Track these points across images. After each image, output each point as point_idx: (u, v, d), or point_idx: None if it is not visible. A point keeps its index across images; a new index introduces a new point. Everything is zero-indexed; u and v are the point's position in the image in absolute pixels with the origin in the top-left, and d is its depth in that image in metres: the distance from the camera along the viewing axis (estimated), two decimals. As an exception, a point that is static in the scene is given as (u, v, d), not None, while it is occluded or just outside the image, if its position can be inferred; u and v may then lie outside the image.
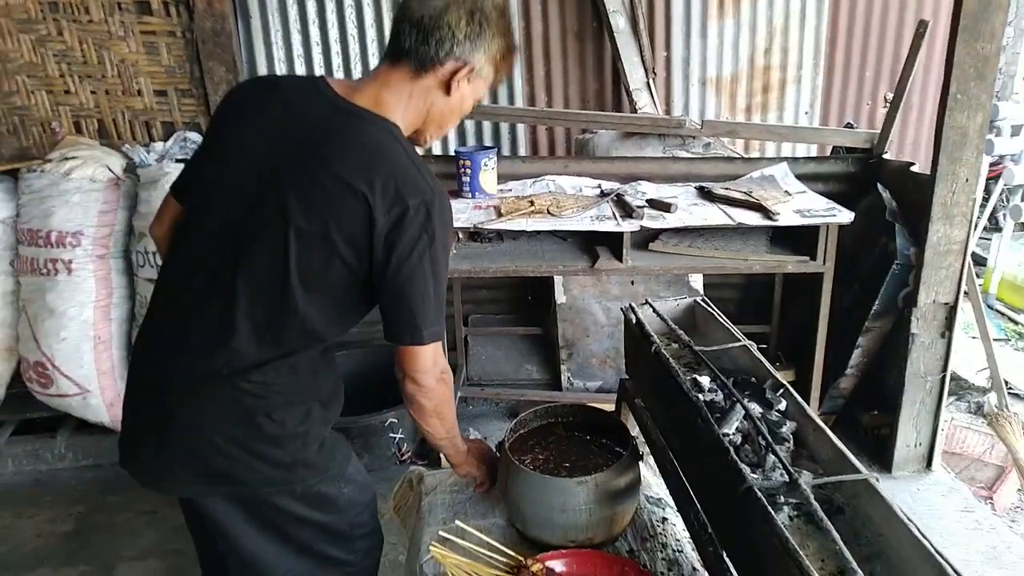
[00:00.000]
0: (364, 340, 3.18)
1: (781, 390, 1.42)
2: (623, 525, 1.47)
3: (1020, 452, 2.52)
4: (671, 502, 1.56)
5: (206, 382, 1.25)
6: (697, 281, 3.13)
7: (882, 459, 2.70)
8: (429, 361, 1.29)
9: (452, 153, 3.02)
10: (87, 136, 3.19)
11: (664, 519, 1.56)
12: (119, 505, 2.70)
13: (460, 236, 2.81)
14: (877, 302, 2.53)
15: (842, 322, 2.80)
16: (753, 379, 1.50)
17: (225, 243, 1.24)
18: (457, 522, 1.43)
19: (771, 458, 1.22)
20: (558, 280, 3.07)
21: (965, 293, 2.59)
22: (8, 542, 2.53)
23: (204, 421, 1.26)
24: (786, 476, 1.16)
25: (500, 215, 2.54)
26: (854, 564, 0.97)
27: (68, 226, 2.80)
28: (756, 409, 1.37)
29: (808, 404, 2.70)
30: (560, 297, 3.07)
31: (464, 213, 2.60)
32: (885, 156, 2.85)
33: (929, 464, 2.64)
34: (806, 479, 1.17)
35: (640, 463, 1.65)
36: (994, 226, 4.79)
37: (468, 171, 2.81)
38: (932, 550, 0.99)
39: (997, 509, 2.75)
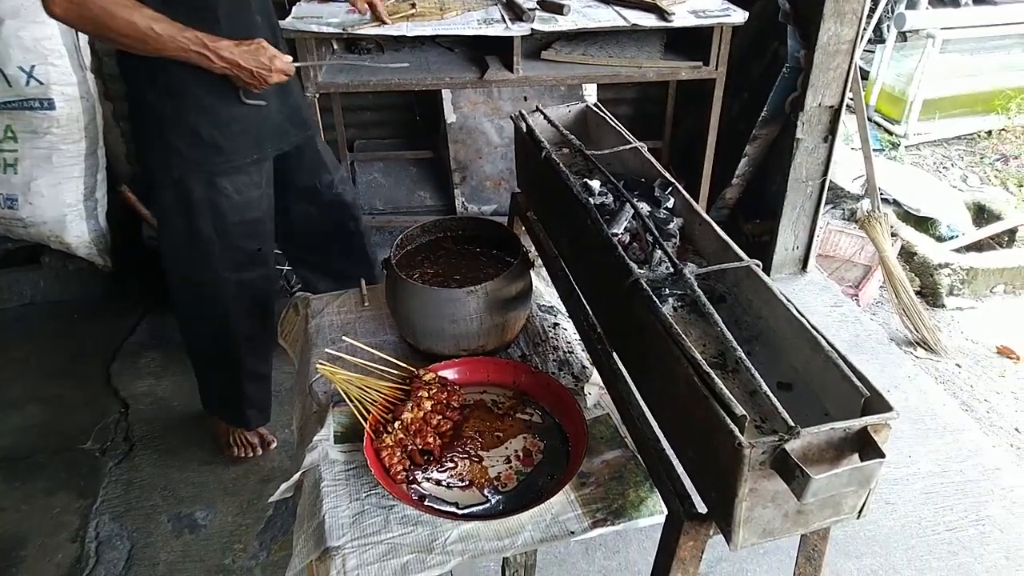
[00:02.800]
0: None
1: (669, 188, 1.39)
2: (515, 332, 1.46)
3: (886, 250, 2.70)
4: (563, 309, 1.56)
5: None
6: (591, 96, 3.03)
7: (762, 263, 2.84)
8: None
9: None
10: None
11: (556, 324, 1.56)
12: (-16, 356, 2.51)
13: (335, 46, 2.55)
14: (765, 108, 2.53)
15: (731, 132, 2.81)
16: (643, 180, 1.47)
17: None
18: (345, 338, 1.38)
19: (657, 253, 1.20)
20: (447, 97, 2.89)
21: (850, 103, 2.63)
22: None
23: None
24: (671, 268, 1.15)
25: (377, 19, 2.29)
26: (734, 343, 0.99)
27: None
28: (645, 208, 1.35)
29: (697, 214, 2.75)
30: (450, 116, 2.90)
31: (336, 18, 2.33)
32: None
33: (805, 266, 2.80)
34: (690, 270, 1.17)
35: (532, 273, 1.63)
36: (878, 37, 4.84)
37: (339, -30, 2.50)
38: (807, 324, 1.02)
39: (862, 304, 2.99)
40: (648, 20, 2.32)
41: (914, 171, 3.97)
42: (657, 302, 1.05)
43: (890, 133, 4.33)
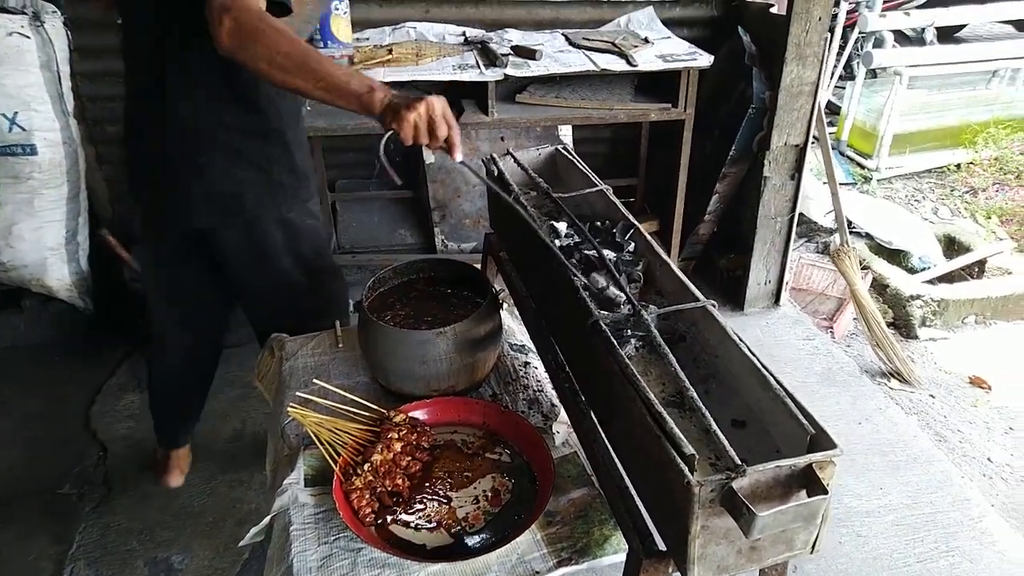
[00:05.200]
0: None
1: (631, 231, 1.43)
2: (485, 372, 1.49)
3: (856, 283, 2.75)
4: (533, 347, 1.59)
5: None
6: (567, 136, 3.10)
7: (736, 298, 2.89)
8: None
9: (299, -1, 2.74)
10: None
11: (527, 363, 1.59)
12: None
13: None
14: (733, 147, 2.60)
15: (703, 171, 2.88)
16: (607, 222, 1.51)
17: None
18: (315, 381, 1.40)
19: (620, 295, 1.24)
20: (425, 138, 2.95)
21: (815, 138, 2.71)
22: None
23: None
24: (630, 309, 1.19)
25: (353, 65, 2.36)
26: (687, 383, 1.02)
27: None
28: (610, 253, 1.39)
29: (669, 251, 2.82)
30: (428, 157, 2.96)
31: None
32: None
33: (777, 300, 2.86)
34: (650, 311, 1.21)
35: (504, 312, 1.66)
36: (849, 75, 4.98)
37: (318, 18, 2.57)
38: (757, 363, 1.05)
39: (836, 336, 3.04)
40: (616, 64, 2.39)
41: (886, 204, 4.06)
42: (615, 342, 1.09)
43: (862, 167, 4.43)
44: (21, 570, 1.85)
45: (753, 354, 1.07)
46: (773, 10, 2.62)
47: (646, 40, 2.65)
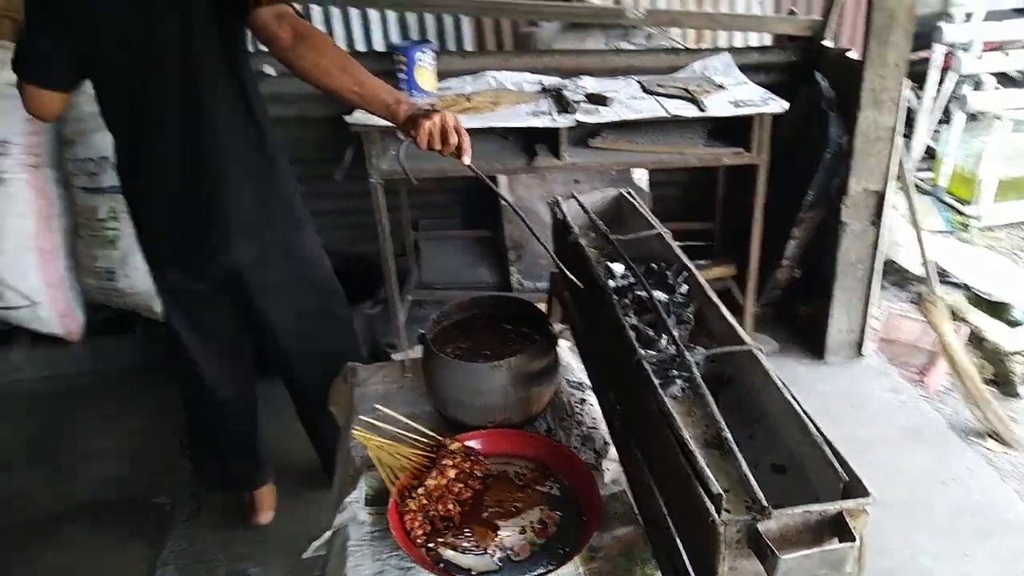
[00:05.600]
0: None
1: (684, 274, 1.47)
2: (540, 406, 1.54)
3: (947, 335, 2.64)
4: (591, 384, 1.63)
5: None
6: (642, 179, 3.15)
7: (816, 347, 2.82)
8: None
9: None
10: (8, 38, 3.04)
11: (583, 400, 1.64)
12: (78, 412, 2.76)
13: (399, 135, 2.78)
14: (810, 192, 2.58)
15: (780, 215, 2.85)
16: (663, 265, 1.55)
17: None
18: (379, 407, 1.50)
19: (663, 337, 1.27)
20: (504, 181, 3.07)
21: (900, 184, 2.64)
22: (-30, 451, 2.60)
23: None
24: (676, 350, 1.22)
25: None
26: (722, 424, 1.04)
27: (-6, 136, 2.72)
28: (661, 294, 1.43)
29: (745, 296, 2.79)
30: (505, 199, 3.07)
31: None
32: (826, 43, 2.83)
33: (860, 350, 2.77)
34: (697, 353, 1.24)
35: (564, 349, 1.72)
36: (947, 119, 4.80)
37: (404, 67, 2.74)
38: (798, 408, 1.06)
39: (929, 392, 2.90)
40: (687, 110, 2.44)
41: (987, 254, 3.86)
42: (655, 381, 1.12)
43: (961, 214, 4.23)
44: (117, 570, 2.02)
45: (795, 399, 1.08)
46: (850, 55, 2.60)
47: (720, 86, 2.68)
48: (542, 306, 1.83)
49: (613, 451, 1.41)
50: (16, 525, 2.22)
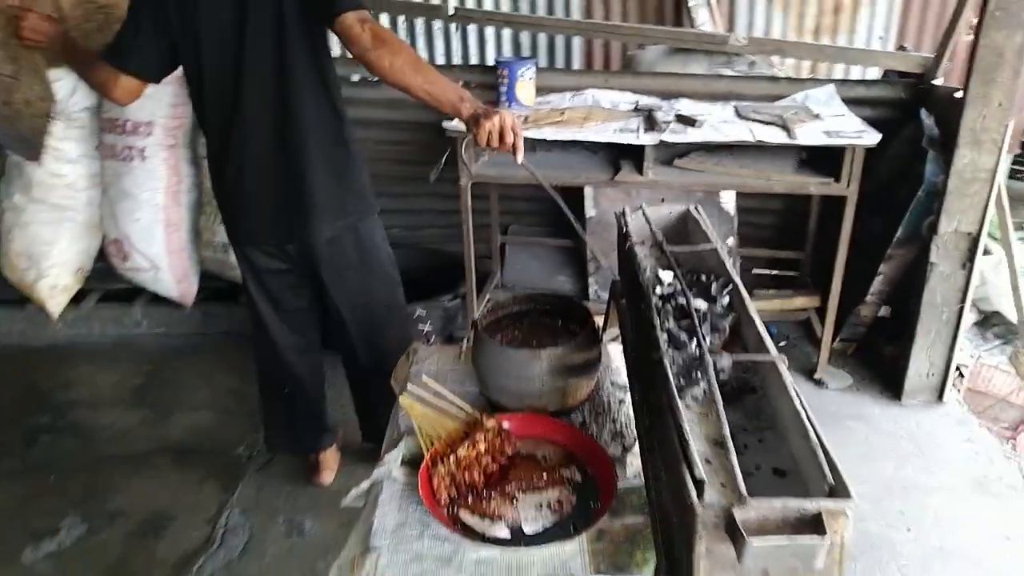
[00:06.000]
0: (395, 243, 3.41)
1: (729, 287, 1.50)
2: (576, 399, 1.61)
3: (1037, 391, 2.49)
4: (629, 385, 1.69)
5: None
6: (729, 203, 3.14)
7: (895, 388, 2.72)
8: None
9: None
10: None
11: (622, 401, 1.69)
12: (183, 367, 3.07)
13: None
14: (900, 229, 2.51)
15: (871, 251, 2.78)
16: (712, 277, 1.59)
17: None
18: (424, 378, 1.62)
19: (693, 341, 1.32)
20: (588, 194, 3.16)
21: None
22: (89, 388, 2.95)
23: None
24: (699, 353, 1.27)
25: (527, 122, 2.63)
26: (726, 425, 1.09)
27: (142, 116, 3.08)
28: (702, 303, 1.47)
29: (824, 329, 2.73)
30: (589, 211, 3.16)
31: (496, 120, 2.70)
32: (937, 82, 2.74)
33: (941, 396, 2.65)
34: (724, 359, 1.28)
35: (615, 353, 1.79)
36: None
37: (506, 81, 2.89)
38: (803, 415, 1.09)
39: (1019, 450, 2.73)
40: (776, 136, 2.44)
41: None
42: (670, 377, 1.18)
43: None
44: (192, 506, 2.25)
45: (804, 407, 1.11)
46: (958, 95, 2.52)
47: (817, 116, 2.66)
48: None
49: (637, 447, 1.47)
50: (116, 455, 2.51)
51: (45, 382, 2.98)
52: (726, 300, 1.50)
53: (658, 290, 1.53)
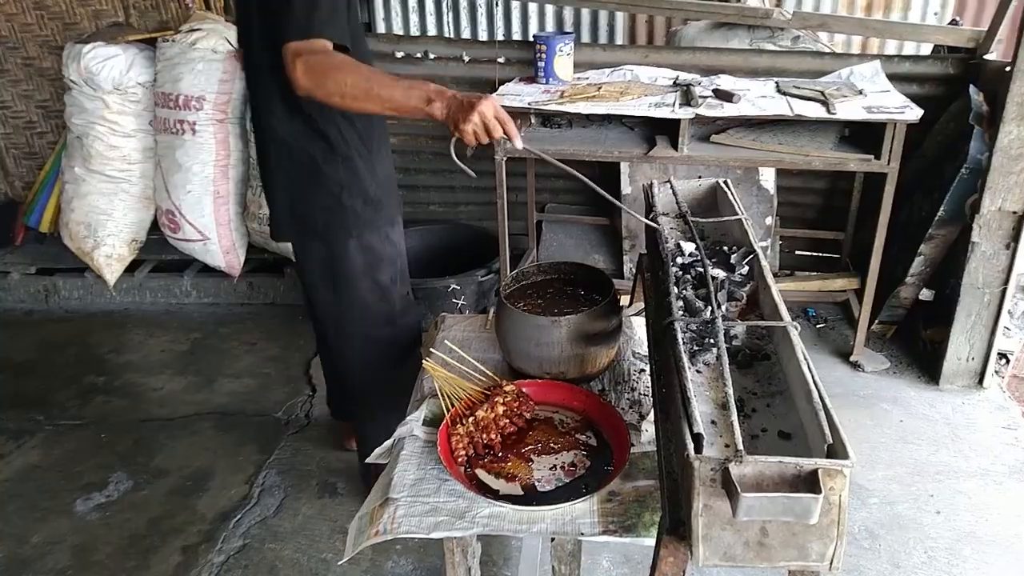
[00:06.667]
0: (433, 219, 3.47)
1: (750, 257, 1.50)
2: (596, 367, 1.63)
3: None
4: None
5: None
6: (769, 181, 3.10)
7: (933, 371, 2.66)
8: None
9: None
10: (214, 12, 3.55)
11: (642, 371, 1.71)
12: (228, 335, 3.19)
13: (532, 120, 2.94)
14: (943, 208, 2.44)
15: (914, 232, 2.72)
16: (734, 247, 1.59)
17: None
18: (446, 342, 1.66)
19: (708, 308, 1.33)
20: (624, 171, 3.15)
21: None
22: (140, 353, 3.09)
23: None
24: (712, 318, 1.28)
25: (563, 98, 2.64)
26: (730, 385, 1.10)
27: (193, 91, 3.19)
28: (720, 272, 1.48)
29: (861, 309, 2.68)
30: (625, 188, 3.15)
31: (531, 96, 2.72)
32: (989, 57, 2.64)
33: (981, 381, 2.58)
34: (736, 326, 1.29)
35: (638, 324, 1.81)
36: None
37: (543, 56, 2.90)
38: (809, 379, 1.09)
39: (1064, 440, 2.64)
40: (814, 111, 2.39)
41: None
42: (679, 341, 1.20)
43: None
44: (230, 466, 2.36)
45: (811, 370, 1.12)
46: (1009, 69, 2.42)
47: (860, 92, 2.60)
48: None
49: (653, 414, 1.48)
50: (163, 417, 2.64)
51: (100, 346, 3.13)
52: (745, 269, 1.50)
53: (678, 260, 1.54)
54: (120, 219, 3.43)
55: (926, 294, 2.76)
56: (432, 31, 4.02)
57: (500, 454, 1.43)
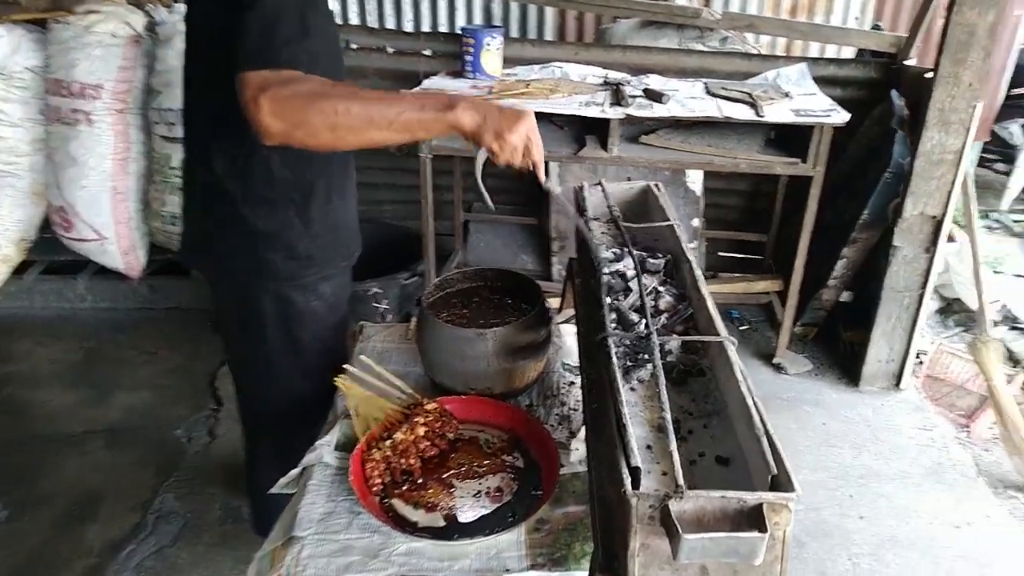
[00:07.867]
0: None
1: (683, 266, 1.43)
2: (525, 381, 1.54)
3: (995, 379, 2.46)
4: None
5: None
6: (696, 184, 3.08)
7: (853, 373, 2.69)
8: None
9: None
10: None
11: (572, 383, 1.62)
12: (125, 344, 2.95)
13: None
14: (866, 212, 2.46)
15: (836, 235, 2.74)
16: (668, 255, 1.52)
17: None
18: (362, 357, 1.53)
19: (643, 321, 1.25)
20: (554, 170, 3.07)
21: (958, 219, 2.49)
22: (26, 364, 2.81)
23: None
24: (644, 334, 1.20)
25: (491, 94, 2.53)
26: (667, 410, 1.02)
27: (90, 78, 2.92)
28: (652, 282, 1.40)
29: (784, 312, 2.69)
30: (555, 188, 3.06)
31: (458, 91, 2.60)
32: (909, 62, 2.69)
33: (899, 382, 2.62)
34: (670, 340, 1.21)
35: (568, 334, 1.72)
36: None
37: (471, 50, 2.78)
38: (749, 401, 1.02)
39: (973, 437, 2.72)
40: (743, 114, 2.37)
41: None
42: (613, 358, 1.11)
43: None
44: (123, 490, 2.15)
45: (751, 392, 1.05)
46: (929, 75, 2.47)
47: (787, 95, 2.60)
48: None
49: (583, 432, 1.40)
50: (49, 436, 2.40)
51: (-20, 356, 2.84)
52: (679, 279, 1.43)
53: (608, 268, 1.46)
54: (7, 216, 3.11)
55: (847, 296, 2.80)
56: (354, 20, 3.85)
57: (420, 480, 1.31)
